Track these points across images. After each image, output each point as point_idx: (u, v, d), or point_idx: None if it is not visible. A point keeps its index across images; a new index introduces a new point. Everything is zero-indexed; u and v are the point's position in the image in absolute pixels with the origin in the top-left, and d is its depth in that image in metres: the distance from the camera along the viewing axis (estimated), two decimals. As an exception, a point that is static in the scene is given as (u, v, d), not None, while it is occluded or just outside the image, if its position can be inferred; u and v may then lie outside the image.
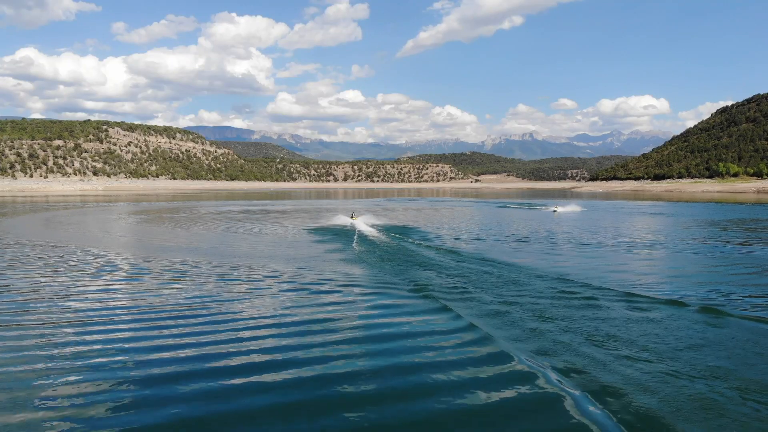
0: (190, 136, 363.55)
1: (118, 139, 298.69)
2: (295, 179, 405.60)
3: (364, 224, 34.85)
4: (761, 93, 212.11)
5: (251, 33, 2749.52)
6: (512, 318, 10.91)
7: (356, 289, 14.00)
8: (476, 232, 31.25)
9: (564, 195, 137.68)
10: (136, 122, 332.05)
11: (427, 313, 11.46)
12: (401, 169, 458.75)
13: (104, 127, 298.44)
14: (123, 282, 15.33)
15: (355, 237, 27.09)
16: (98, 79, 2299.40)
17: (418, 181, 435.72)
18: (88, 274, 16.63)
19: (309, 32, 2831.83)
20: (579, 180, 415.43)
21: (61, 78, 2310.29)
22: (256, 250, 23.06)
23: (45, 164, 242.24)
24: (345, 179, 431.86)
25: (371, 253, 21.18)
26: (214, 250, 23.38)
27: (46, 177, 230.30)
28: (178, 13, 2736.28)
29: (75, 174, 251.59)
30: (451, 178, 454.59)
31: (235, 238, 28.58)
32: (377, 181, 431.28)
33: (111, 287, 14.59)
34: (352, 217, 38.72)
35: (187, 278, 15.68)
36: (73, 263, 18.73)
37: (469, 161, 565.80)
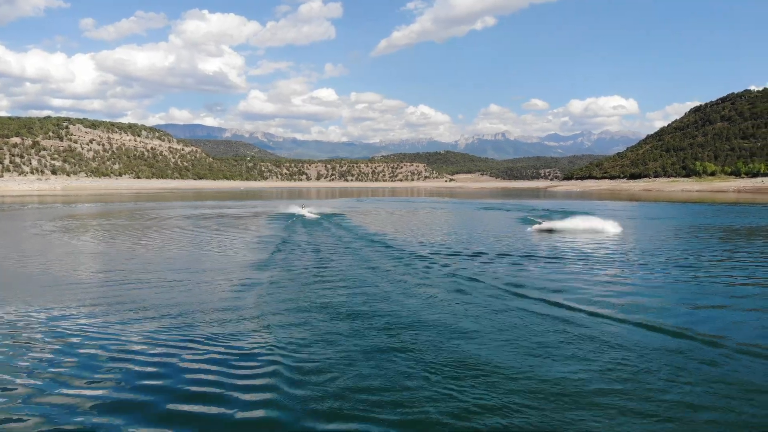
0: (157, 134, 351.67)
1: (79, 136, 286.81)
2: (266, 178, 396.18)
3: (309, 213, 42.29)
4: (735, 92, 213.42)
5: (222, 30, 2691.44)
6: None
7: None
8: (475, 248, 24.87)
9: (538, 195, 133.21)
10: (99, 119, 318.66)
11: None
12: (375, 168, 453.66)
13: (65, 124, 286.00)
14: None
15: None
16: (66, 76, 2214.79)
17: (392, 180, 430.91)
18: None
19: (281, 30, 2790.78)
20: (552, 179, 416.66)
21: (27, 75, 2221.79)
22: (155, 292, 16.21)
23: (0, 163, 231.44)
24: (318, 178, 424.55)
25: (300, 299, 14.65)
26: (94, 283, 16.46)
27: (1, 176, 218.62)
28: (148, 9, 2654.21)
29: (32, 173, 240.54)
30: (426, 177, 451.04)
31: (150, 259, 21.58)
32: (351, 180, 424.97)
33: None
34: (302, 207, 45.58)
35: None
36: None
37: (444, 160, 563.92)
